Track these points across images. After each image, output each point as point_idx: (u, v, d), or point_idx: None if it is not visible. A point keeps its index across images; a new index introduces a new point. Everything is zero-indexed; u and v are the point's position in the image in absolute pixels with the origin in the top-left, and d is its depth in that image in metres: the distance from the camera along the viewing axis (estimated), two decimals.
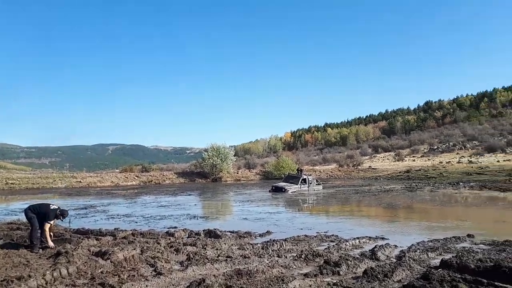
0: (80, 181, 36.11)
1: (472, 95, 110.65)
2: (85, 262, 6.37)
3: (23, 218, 9.78)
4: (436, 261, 6.80)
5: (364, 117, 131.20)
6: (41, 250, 7.46)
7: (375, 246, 7.87)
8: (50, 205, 8.13)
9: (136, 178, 40.44)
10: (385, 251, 7.54)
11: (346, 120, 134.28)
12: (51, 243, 7.70)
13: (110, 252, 6.88)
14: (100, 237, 9.18)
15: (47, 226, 7.72)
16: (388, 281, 5.56)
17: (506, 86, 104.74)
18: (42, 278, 5.46)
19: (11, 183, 32.25)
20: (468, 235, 9.48)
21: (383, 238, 9.34)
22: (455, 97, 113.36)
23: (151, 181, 39.86)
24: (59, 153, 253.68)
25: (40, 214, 7.81)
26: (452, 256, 6.89)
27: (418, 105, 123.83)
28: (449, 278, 5.50)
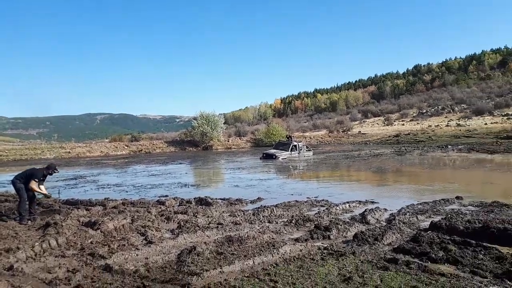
0: (69, 152, 35.72)
1: (460, 58, 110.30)
2: (75, 233, 6.30)
3: (11, 190, 9.62)
4: (426, 224, 6.89)
5: (354, 82, 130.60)
6: (29, 221, 7.36)
7: (365, 210, 7.93)
8: (36, 167, 8.00)
9: (126, 147, 40.11)
10: (375, 214, 7.61)
11: (335, 86, 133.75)
12: (46, 193, 8.02)
13: (100, 222, 6.80)
14: (90, 207, 9.10)
15: (33, 184, 7.56)
16: (379, 244, 5.61)
17: (494, 49, 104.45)
18: (31, 249, 5.39)
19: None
20: (457, 197, 9.61)
21: (373, 202, 9.42)
22: (444, 60, 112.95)
23: (141, 150, 39.61)
24: (46, 124, 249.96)
25: (27, 180, 7.64)
26: (441, 218, 6.97)
27: (407, 69, 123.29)
28: (438, 240, 5.58)
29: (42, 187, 7.84)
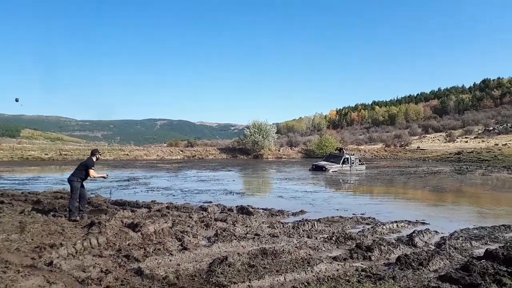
0: (127, 154, 37.64)
1: None
2: (116, 234, 6.47)
3: (68, 187, 10.22)
4: (480, 251, 6.24)
5: (415, 95, 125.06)
6: (78, 218, 7.72)
7: (414, 231, 7.39)
8: (84, 159, 8.51)
9: (181, 152, 41.48)
10: (423, 237, 7.05)
11: (395, 98, 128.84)
12: (104, 175, 8.84)
13: (141, 224, 6.95)
14: (136, 209, 9.40)
15: (93, 172, 8.17)
16: (423, 270, 5.16)
17: None
18: (73, 247, 5.59)
19: (65, 154, 34.21)
20: None
21: (423, 223, 8.78)
22: None
23: (195, 156, 40.74)
24: (110, 127, 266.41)
25: (86, 172, 8.14)
26: (499, 247, 6.27)
27: (474, 83, 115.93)
28: (492, 270, 5.00)
29: (95, 173, 8.35)
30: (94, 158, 8.37)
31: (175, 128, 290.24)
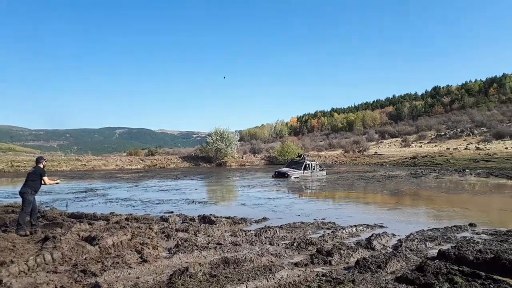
0: (85, 164, 36.26)
1: (481, 80, 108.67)
2: (72, 248, 6.21)
3: (19, 201, 9.68)
4: (434, 252, 6.55)
5: (371, 102, 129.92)
6: (28, 233, 7.34)
7: (372, 235, 7.63)
8: (32, 169, 8.10)
9: (141, 161, 40.49)
10: (381, 240, 7.30)
11: (353, 105, 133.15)
12: (58, 181, 8.62)
13: (99, 238, 6.72)
14: (93, 221, 9.05)
15: (47, 179, 7.99)
16: (381, 273, 5.33)
17: None
18: (25, 263, 5.31)
19: (17, 166, 32.42)
20: (470, 224, 9.19)
21: (381, 226, 9.09)
22: (464, 83, 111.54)
23: (156, 165, 39.92)
24: (67, 136, 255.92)
25: (40, 180, 7.85)
26: (451, 247, 6.62)
27: (426, 90, 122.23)
28: (445, 270, 5.27)
29: (49, 181, 8.10)
30: (41, 166, 8.02)
31: (135, 137, 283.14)
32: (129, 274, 5.12)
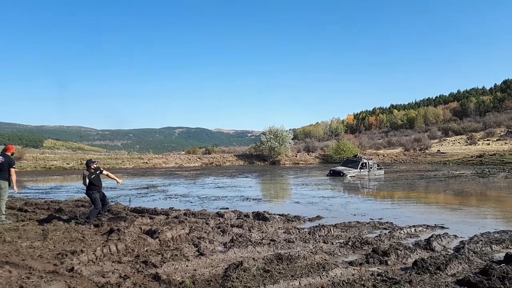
0: (146, 162, 38.19)
1: None
2: (134, 240, 6.62)
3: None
4: (501, 255, 6.11)
5: (434, 98, 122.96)
6: (93, 226, 7.95)
7: (432, 236, 7.28)
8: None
9: (199, 159, 41.85)
10: (442, 241, 6.95)
11: (413, 102, 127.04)
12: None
13: (159, 231, 7.09)
14: (154, 216, 9.56)
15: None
16: (441, 274, 5.09)
17: None
18: (93, 253, 5.75)
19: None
20: None
21: (442, 227, 8.63)
22: None
23: (212, 163, 41.02)
24: (130, 136, 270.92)
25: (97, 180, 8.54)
26: None
27: (495, 84, 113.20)
28: None
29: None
30: (91, 169, 8.64)
31: (193, 136, 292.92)
32: (186, 266, 5.36)
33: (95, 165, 8.77)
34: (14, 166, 8.31)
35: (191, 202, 13.13)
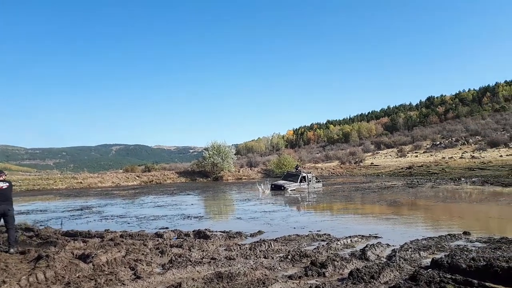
0: (80, 182, 36.03)
1: (474, 89, 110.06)
2: (65, 266, 6.18)
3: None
4: (428, 261, 6.58)
5: (366, 113, 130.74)
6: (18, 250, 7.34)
7: (366, 245, 7.65)
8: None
9: (137, 178, 40.32)
10: (375, 250, 7.32)
11: (348, 117, 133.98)
12: None
13: (93, 255, 6.71)
14: (88, 239, 9.02)
15: None
16: (375, 283, 5.35)
17: (508, 80, 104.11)
18: (17, 283, 5.30)
19: (13, 185, 32.20)
20: (464, 233, 9.24)
21: (376, 237, 9.11)
22: (457, 92, 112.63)
23: (152, 181, 39.72)
24: (63, 154, 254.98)
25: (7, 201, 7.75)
26: (444, 255, 6.65)
27: (420, 100, 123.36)
28: (438, 278, 5.30)
29: None
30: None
31: (132, 153, 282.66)
32: None
33: (4, 177, 7.85)
34: None
35: (129, 223, 12.59)
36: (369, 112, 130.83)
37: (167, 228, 11.10)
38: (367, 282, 5.38)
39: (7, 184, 7.87)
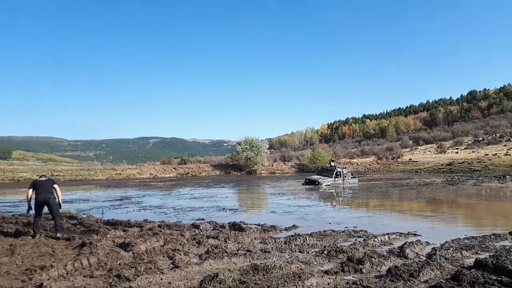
0: (120, 173, 37.37)
1: None
2: (107, 254, 6.44)
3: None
4: (471, 261, 6.31)
5: (404, 108, 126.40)
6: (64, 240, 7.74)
7: (405, 243, 7.43)
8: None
9: (174, 170, 41.31)
10: (415, 248, 7.11)
11: (385, 111, 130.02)
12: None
13: (133, 244, 6.93)
14: (127, 228, 9.35)
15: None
16: (414, 281, 5.20)
17: None
18: (64, 268, 5.55)
19: (57, 175, 33.88)
20: (510, 233, 8.77)
21: (415, 235, 8.83)
22: (502, 86, 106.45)
23: (188, 173, 40.57)
24: (103, 146, 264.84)
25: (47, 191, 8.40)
26: (488, 256, 6.35)
27: (461, 95, 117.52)
28: (482, 280, 5.07)
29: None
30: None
31: (168, 146, 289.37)
32: (161, 279, 5.25)
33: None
34: None
35: (166, 214, 12.93)
36: (407, 107, 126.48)
37: (203, 219, 11.31)
38: (406, 280, 5.23)
39: (47, 178, 8.79)
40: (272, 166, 46.56)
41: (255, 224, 10.11)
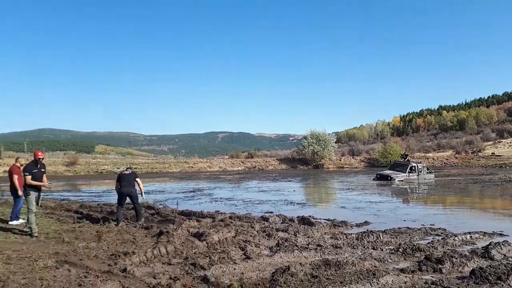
0: (192, 166, 39.12)
1: None
2: (183, 243, 6.77)
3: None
4: None
5: (486, 98, 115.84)
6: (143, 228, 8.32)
7: (490, 243, 6.82)
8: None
9: (242, 164, 42.26)
10: (501, 249, 6.50)
11: (463, 102, 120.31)
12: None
13: (206, 234, 7.21)
14: (200, 218, 9.73)
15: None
16: (502, 285, 4.76)
17: None
18: (144, 255, 5.94)
19: (134, 168, 36.37)
20: None
21: (501, 234, 8.09)
22: None
23: (255, 167, 41.23)
24: (176, 141, 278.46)
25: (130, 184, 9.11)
26: None
27: None
28: None
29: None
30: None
31: (236, 140, 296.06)
32: (234, 269, 5.40)
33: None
34: (26, 174, 7.36)
35: (236, 206, 13.27)
36: (489, 96, 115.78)
37: (271, 212, 11.41)
38: (492, 283, 4.81)
39: (130, 171, 9.48)
40: (340, 160, 45.58)
41: (325, 219, 9.97)
